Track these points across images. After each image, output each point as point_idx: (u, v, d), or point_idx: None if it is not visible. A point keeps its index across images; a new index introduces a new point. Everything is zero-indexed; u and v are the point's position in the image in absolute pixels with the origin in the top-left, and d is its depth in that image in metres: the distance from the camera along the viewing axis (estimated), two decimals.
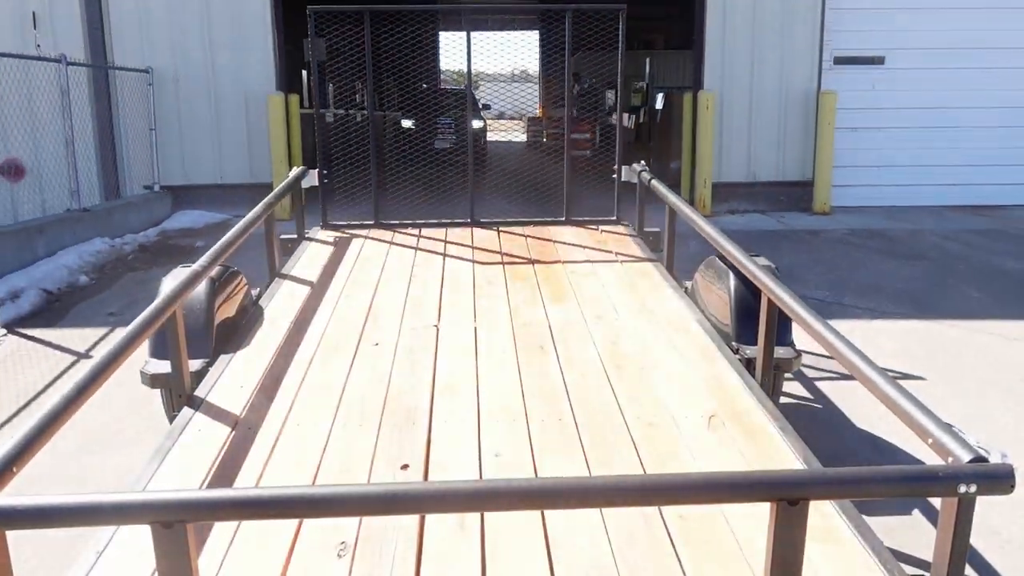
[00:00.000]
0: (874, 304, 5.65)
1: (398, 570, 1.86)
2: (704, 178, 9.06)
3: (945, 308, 5.55)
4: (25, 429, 1.71)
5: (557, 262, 4.37)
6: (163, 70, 8.86)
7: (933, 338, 4.98)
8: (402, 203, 7.58)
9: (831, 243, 7.69)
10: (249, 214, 3.73)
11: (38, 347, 4.94)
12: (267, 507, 1.42)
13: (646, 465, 2.34)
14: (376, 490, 1.50)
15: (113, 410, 3.95)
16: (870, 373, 1.97)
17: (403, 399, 2.74)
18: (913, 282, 6.21)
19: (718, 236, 3.35)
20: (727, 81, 9.10)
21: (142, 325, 2.37)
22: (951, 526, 1.54)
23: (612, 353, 3.12)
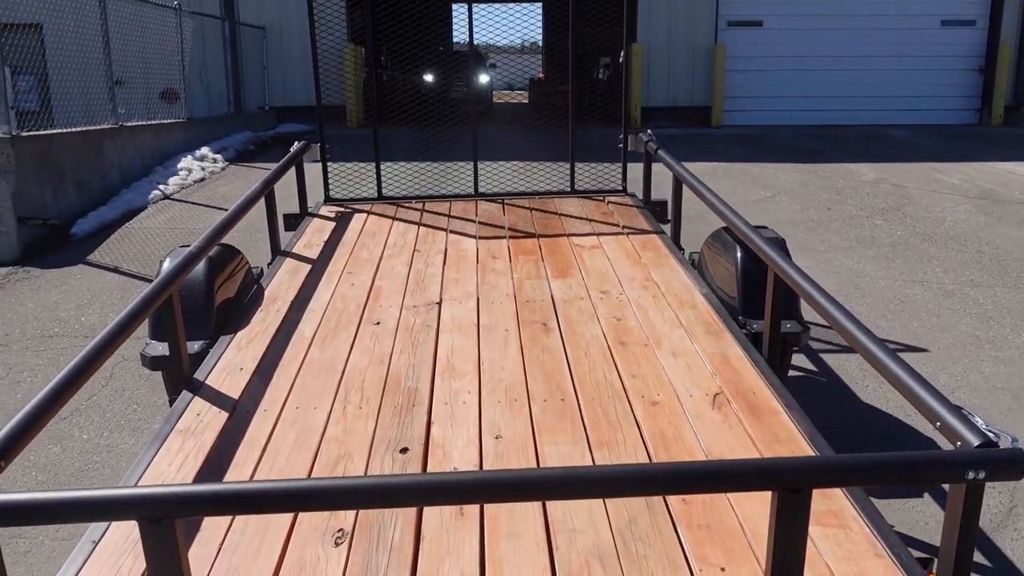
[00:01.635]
0: (723, 158, 10.18)
1: (396, 557, 1.86)
2: (635, 103, 13.54)
3: (756, 160, 10.08)
4: (14, 420, 1.67)
5: (562, 235, 4.34)
6: (272, 26, 13.36)
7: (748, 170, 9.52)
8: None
9: (715, 140, 12.14)
10: (248, 191, 3.77)
11: (242, 169, 9.50)
12: (255, 502, 1.40)
13: (649, 446, 2.30)
14: (367, 483, 1.45)
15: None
16: (880, 354, 1.94)
17: (404, 380, 2.73)
18: (755, 154, 10.71)
19: (724, 209, 3.31)
20: (652, 37, 13.55)
21: (139, 307, 2.34)
22: (959, 512, 1.52)
23: (616, 329, 3.10)
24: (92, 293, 5.72)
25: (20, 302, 5.62)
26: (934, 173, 9.20)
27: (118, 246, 6.76)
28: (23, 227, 6.68)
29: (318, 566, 1.83)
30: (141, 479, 2.19)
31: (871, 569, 1.78)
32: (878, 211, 7.57)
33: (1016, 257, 6.22)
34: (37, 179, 6.97)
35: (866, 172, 9.26)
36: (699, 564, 1.82)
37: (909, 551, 1.81)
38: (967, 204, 7.79)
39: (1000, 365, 4.41)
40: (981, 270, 5.94)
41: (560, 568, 1.82)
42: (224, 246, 3.44)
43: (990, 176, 9.06)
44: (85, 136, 7.87)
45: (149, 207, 7.81)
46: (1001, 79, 13.60)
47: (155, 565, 1.39)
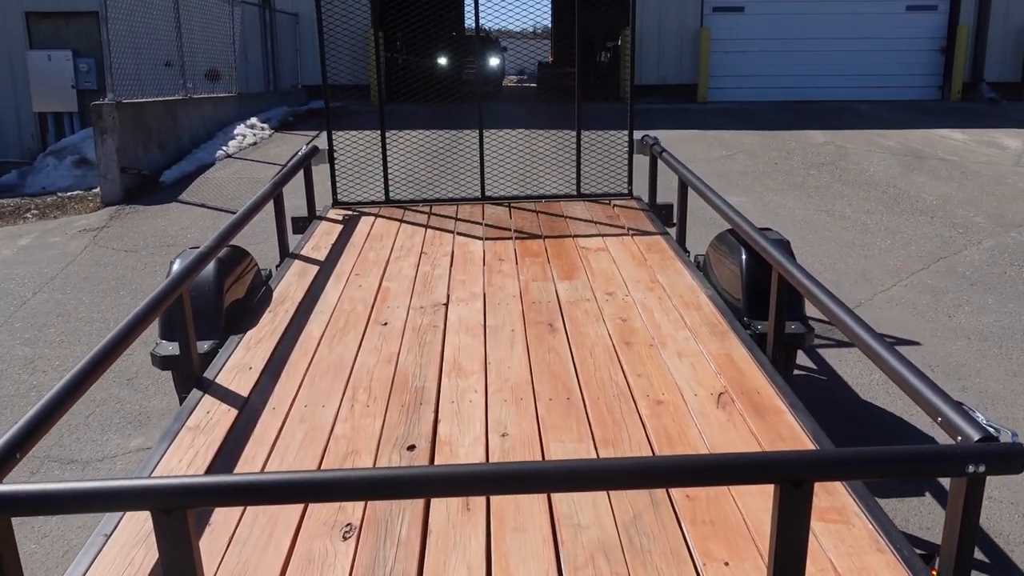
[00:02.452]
0: (700, 127, 11.85)
1: (403, 551, 1.89)
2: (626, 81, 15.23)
3: (728, 129, 11.76)
4: (29, 414, 1.72)
5: (568, 237, 4.40)
6: (304, 14, 15.13)
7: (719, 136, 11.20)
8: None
9: (698, 114, 13.78)
10: (257, 194, 3.82)
11: (286, 136, 11.27)
12: (266, 492, 1.43)
13: (654, 444, 2.34)
14: (377, 474, 1.48)
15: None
16: (882, 351, 1.98)
17: (411, 379, 2.77)
18: (728, 124, 12.37)
19: (729, 210, 3.38)
20: (644, 21, 15.20)
21: (149, 307, 2.40)
22: (960, 506, 1.55)
23: (622, 330, 3.14)
24: (190, 220, 7.52)
25: (135, 227, 7.43)
26: (877, 137, 10.84)
27: (199, 190, 8.55)
28: (124, 175, 8.49)
29: (326, 559, 1.87)
30: (152, 475, 2.24)
31: (873, 564, 1.80)
32: (815, 165, 9.25)
33: (911, 196, 7.91)
34: (133, 138, 8.77)
35: (819, 137, 10.91)
36: (703, 559, 1.85)
37: (912, 547, 1.84)
38: (892, 159, 9.46)
39: (863, 259, 6.13)
40: (877, 203, 7.63)
41: (565, 562, 1.85)
42: (233, 247, 3.51)
43: (924, 140, 10.70)
44: (165, 105, 9.65)
45: (216, 163, 9.59)
46: (959, 59, 15.17)
47: (167, 555, 1.42)
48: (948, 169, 8.94)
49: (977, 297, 5.41)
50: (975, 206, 7.48)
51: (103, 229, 7.37)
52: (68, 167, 11.86)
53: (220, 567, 1.86)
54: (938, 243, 6.46)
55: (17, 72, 14.99)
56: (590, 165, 5.46)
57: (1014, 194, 7.89)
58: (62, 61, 14.93)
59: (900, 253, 6.25)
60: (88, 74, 14.96)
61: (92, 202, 8.75)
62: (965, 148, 10.11)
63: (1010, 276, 5.76)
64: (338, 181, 5.20)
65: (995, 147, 10.15)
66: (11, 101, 15.18)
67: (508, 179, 6.09)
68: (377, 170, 5.37)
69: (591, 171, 5.47)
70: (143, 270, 6.24)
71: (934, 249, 6.35)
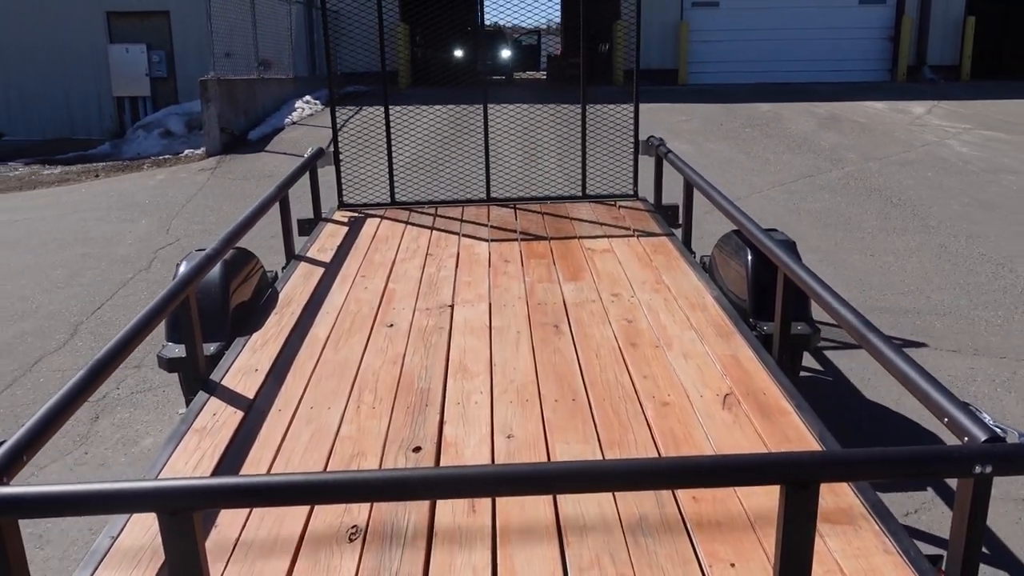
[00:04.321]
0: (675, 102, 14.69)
1: (409, 553, 1.92)
2: (619, 68, 18.06)
3: (696, 103, 14.59)
4: (35, 417, 1.74)
5: (573, 239, 4.48)
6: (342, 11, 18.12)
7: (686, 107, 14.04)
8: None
9: (677, 93, 16.55)
10: (263, 196, 3.89)
11: None
12: (272, 494, 1.44)
13: (660, 445, 2.37)
14: (383, 476, 1.49)
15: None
16: (888, 352, 2.01)
17: (416, 380, 2.81)
18: (698, 100, 15.18)
19: (734, 211, 3.40)
20: (629, 16, 18.08)
21: (155, 310, 2.44)
22: (967, 507, 1.57)
23: (627, 331, 3.19)
24: (277, 163, 10.46)
25: (238, 167, 10.37)
26: (812, 107, 13.62)
27: (278, 144, 11.50)
28: (222, 134, 11.44)
29: (332, 562, 1.91)
30: (158, 477, 2.28)
31: (880, 566, 1.82)
32: (751, 125, 12.07)
33: (812, 143, 10.71)
34: (227, 106, 11.72)
35: (765, 107, 13.70)
36: (709, 560, 1.87)
37: (919, 548, 1.87)
38: (814, 121, 12.25)
39: (755, 177, 8.96)
40: (784, 148, 10.45)
41: (571, 563, 1.88)
42: (239, 250, 3.58)
43: (850, 109, 13.46)
44: (246, 83, 12.62)
45: (286, 127, 12.54)
46: (905, 46, 17.92)
47: (174, 557, 1.44)
48: (853, 127, 11.73)
49: (820, 195, 8.23)
50: (856, 149, 10.28)
51: (215, 169, 10.33)
52: (155, 138, 14.89)
53: (226, 569, 1.89)
54: (812, 169, 9.29)
55: (99, 63, 18.04)
56: (596, 166, 5.60)
57: (890, 141, 10.68)
58: (137, 53, 18.01)
59: (782, 174, 9.07)
60: (159, 64, 18.02)
61: (193, 157, 11.71)
62: (878, 113, 12.88)
63: (849, 185, 8.58)
64: (344, 183, 5.34)
65: (903, 112, 12.91)
66: (93, 87, 18.23)
67: (514, 181, 6.35)
68: (383, 172, 5.56)
69: (597, 172, 5.60)
70: (255, 189, 9.18)
71: (806, 171, 9.18)
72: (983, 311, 5.31)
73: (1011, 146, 10.26)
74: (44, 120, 17.95)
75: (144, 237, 7.52)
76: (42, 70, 17.77)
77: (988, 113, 12.54)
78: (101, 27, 17.90)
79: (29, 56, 17.65)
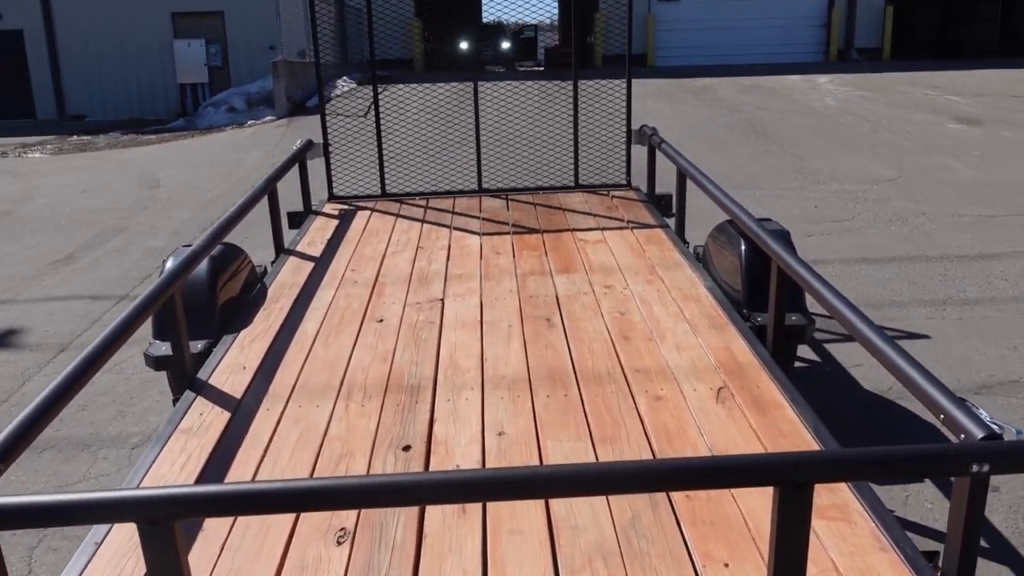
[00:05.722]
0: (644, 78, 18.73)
1: (398, 556, 1.93)
2: (599, 52, 22.12)
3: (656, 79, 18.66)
4: (14, 423, 1.73)
5: (566, 230, 4.51)
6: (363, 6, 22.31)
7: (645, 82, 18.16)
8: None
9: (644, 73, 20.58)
10: (251, 191, 3.97)
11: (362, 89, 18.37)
12: (255, 503, 1.44)
13: (652, 441, 2.39)
14: (368, 483, 1.48)
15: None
16: (883, 346, 2.01)
17: (406, 377, 2.83)
18: (658, 76, 19.23)
19: (727, 201, 3.44)
20: (609, 8, 22.15)
21: (140, 307, 2.45)
22: (963, 505, 1.58)
23: (620, 324, 3.21)
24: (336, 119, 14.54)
25: (303, 124, 14.46)
26: (743, 80, 17.63)
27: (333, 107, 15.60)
28: (288, 102, 15.54)
29: (320, 565, 1.91)
30: (143, 480, 2.28)
31: (876, 564, 1.83)
32: (687, 92, 16.10)
33: (727, 103, 14.72)
34: (290, 81, 15.85)
35: (705, 80, 17.72)
36: (703, 560, 1.89)
37: (915, 545, 1.88)
38: (737, 89, 16.28)
39: (673, 122, 13.00)
40: (705, 106, 14.49)
41: (563, 565, 1.89)
42: (227, 245, 3.65)
43: (772, 81, 17.47)
44: (302, 65, 16.74)
45: (333, 99, 16.66)
46: (835, 31, 21.95)
47: (154, 567, 1.43)
48: (764, 92, 15.75)
49: (712, 129, 12.25)
50: (755, 105, 14.29)
51: (288, 125, 14.44)
52: (223, 113, 19.02)
53: (213, 572, 1.90)
54: (716, 115, 13.31)
55: (165, 55, 22.16)
56: (588, 156, 5.66)
57: (784, 99, 14.69)
58: (197, 47, 22.16)
59: (692, 118, 13.09)
60: (215, 55, 22.16)
61: (265, 121, 15.78)
62: (791, 83, 16.89)
63: (737, 124, 12.62)
64: (333, 175, 5.40)
65: (809, 82, 16.92)
66: (160, 76, 22.35)
67: (506, 170, 6.55)
68: (373, 163, 5.62)
69: (589, 162, 5.67)
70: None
71: (711, 117, 13.24)
72: (776, 176, 9.34)
73: (868, 100, 14.25)
74: (119, 104, 22.09)
75: (259, 159, 11.60)
76: (116, 62, 21.91)
77: (870, 81, 16.54)
78: (167, 25, 22.02)
79: (106, 51, 21.79)
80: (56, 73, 22.04)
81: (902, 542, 1.90)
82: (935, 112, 12.98)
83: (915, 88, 15.53)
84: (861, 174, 9.28)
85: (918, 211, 7.74)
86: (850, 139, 11.25)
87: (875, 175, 9.22)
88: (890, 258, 6.48)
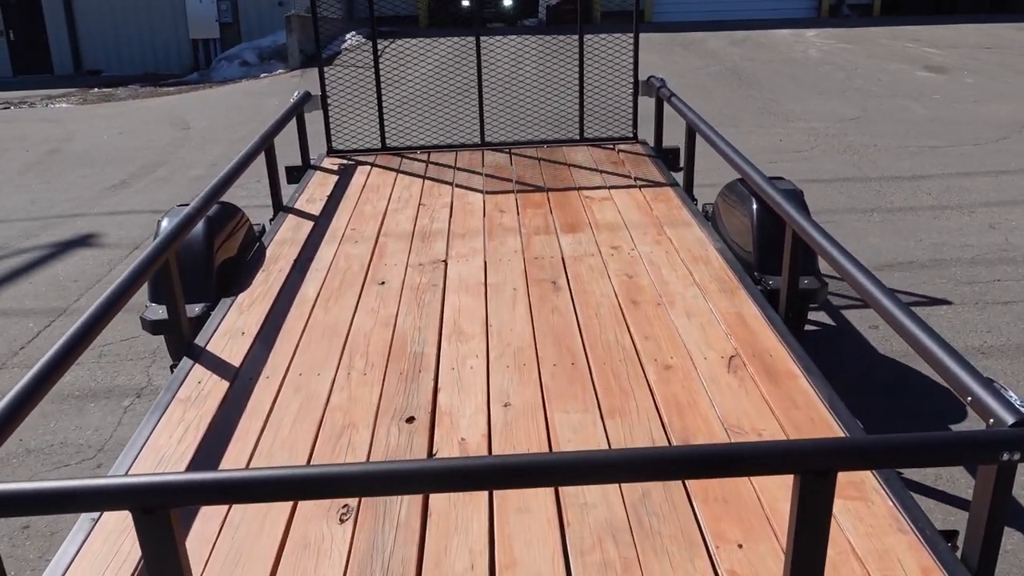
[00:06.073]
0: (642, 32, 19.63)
1: (403, 534, 1.91)
2: (597, 10, 22.94)
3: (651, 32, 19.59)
4: (10, 395, 1.71)
5: (571, 187, 4.43)
6: None
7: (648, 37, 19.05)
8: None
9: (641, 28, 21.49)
10: (248, 147, 3.89)
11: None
12: (253, 490, 1.42)
13: (663, 413, 2.36)
14: (369, 470, 1.47)
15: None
16: (905, 320, 1.95)
17: (409, 344, 2.78)
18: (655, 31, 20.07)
19: (738, 159, 3.34)
20: None
21: (136, 272, 2.42)
22: (989, 493, 1.55)
23: (628, 287, 3.16)
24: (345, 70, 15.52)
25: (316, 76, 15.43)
26: (734, 34, 18.52)
27: (339, 61, 16.56)
28: (300, 54, 16.49)
29: (323, 544, 1.89)
30: (141, 451, 2.26)
31: (894, 546, 1.81)
32: (679, 45, 17.02)
33: (715, 54, 15.67)
34: (302, 34, 16.78)
35: (698, 35, 18.61)
36: (716, 541, 1.86)
37: (933, 525, 1.86)
38: (727, 42, 17.18)
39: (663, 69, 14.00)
40: (694, 57, 15.44)
41: (572, 545, 1.86)
42: (224, 204, 3.59)
43: (762, 35, 18.36)
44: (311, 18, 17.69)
45: (342, 52, 17.60)
46: None
47: (150, 555, 1.42)
48: (753, 45, 16.67)
49: (698, 77, 13.22)
50: (742, 56, 15.23)
51: (302, 76, 15.43)
52: (236, 66, 19.95)
53: (212, 554, 1.88)
54: (703, 65, 14.27)
55: (178, 13, 23.01)
56: (593, 109, 5.48)
57: (770, 51, 15.63)
58: (209, 3, 22.97)
59: (681, 67, 14.05)
60: (226, 11, 23.01)
61: (278, 73, 16.74)
62: (780, 36, 17.79)
63: (722, 73, 13.58)
64: (332, 128, 5.26)
65: (797, 36, 17.82)
66: (173, 32, 23.21)
67: (509, 124, 6.37)
68: (369, 115, 5.45)
69: (595, 114, 5.50)
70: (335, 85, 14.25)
71: (698, 66, 14.21)
72: (751, 117, 10.37)
73: (848, 52, 15.19)
74: (134, 59, 23.01)
75: (277, 105, 12.60)
76: (131, 18, 22.80)
77: (854, 34, 17.45)
78: None
79: (120, 8, 22.66)
80: (72, 28, 22.96)
81: (921, 522, 1.87)
82: (909, 62, 13.93)
83: (896, 41, 16.44)
84: (828, 115, 10.29)
85: (870, 144, 8.77)
86: (825, 86, 12.22)
87: (840, 115, 10.23)
88: (836, 179, 7.54)
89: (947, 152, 8.34)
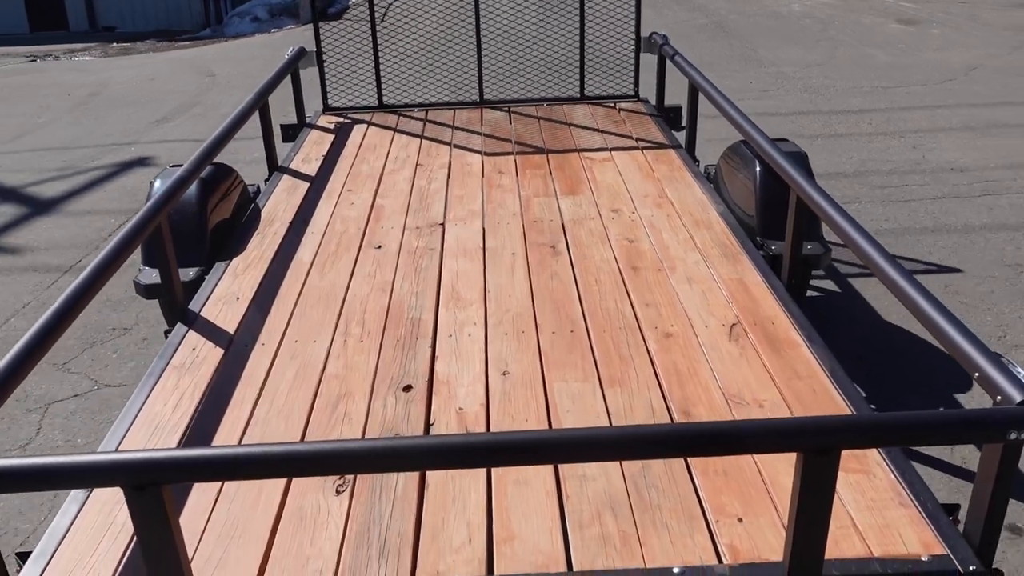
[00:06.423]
0: None
1: (399, 507, 1.91)
2: None
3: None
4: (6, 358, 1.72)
5: (572, 147, 4.41)
6: None
7: None
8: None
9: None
10: (242, 104, 3.89)
11: None
12: (248, 467, 1.41)
13: (663, 382, 2.37)
14: (365, 447, 1.45)
15: None
16: (910, 289, 1.95)
17: (406, 310, 2.77)
18: None
19: (742, 120, 3.31)
20: None
21: (128, 236, 2.41)
22: (993, 472, 1.54)
23: (628, 252, 3.14)
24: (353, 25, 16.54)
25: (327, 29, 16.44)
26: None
27: (349, 15, 17.55)
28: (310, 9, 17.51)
29: (319, 516, 1.90)
30: (136, 419, 2.27)
31: (896, 520, 1.81)
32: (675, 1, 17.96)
33: (704, 8, 16.65)
34: None
35: None
36: (715, 514, 1.86)
37: (935, 498, 1.86)
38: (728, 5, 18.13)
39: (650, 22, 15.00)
40: (683, 10, 16.43)
41: (570, 518, 1.88)
42: (217, 165, 3.58)
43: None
44: None
45: (351, 7, 18.59)
46: None
47: (143, 532, 1.41)
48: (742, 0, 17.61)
49: (684, 29, 14.24)
50: (730, 10, 16.20)
51: None
52: (248, 22, 20.95)
53: (207, 526, 1.87)
54: (690, 18, 15.26)
55: None
56: (595, 63, 5.47)
57: (758, 5, 16.61)
58: None
59: (669, 20, 15.05)
60: None
61: (290, 29, 17.72)
62: None
63: (707, 25, 14.60)
64: (328, 85, 5.23)
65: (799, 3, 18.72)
66: None
67: (508, 82, 6.40)
68: (369, 71, 5.46)
69: (596, 68, 5.47)
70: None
71: (686, 19, 15.23)
72: (727, 63, 11.43)
73: (829, 7, 16.16)
74: (147, 16, 23.94)
75: None
76: None
77: None
78: None
79: None
80: None
81: (923, 495, 1.87)
82: (884, 15, 14.92)
83: None
84: (797, 61, 11.35)
85: (829, 85, 9.84)
86: (800, 37, 13.24)
87: (808, 61, 11.29)
88: (791, 112, 8.64)
89: (895, 91, 9.41)
